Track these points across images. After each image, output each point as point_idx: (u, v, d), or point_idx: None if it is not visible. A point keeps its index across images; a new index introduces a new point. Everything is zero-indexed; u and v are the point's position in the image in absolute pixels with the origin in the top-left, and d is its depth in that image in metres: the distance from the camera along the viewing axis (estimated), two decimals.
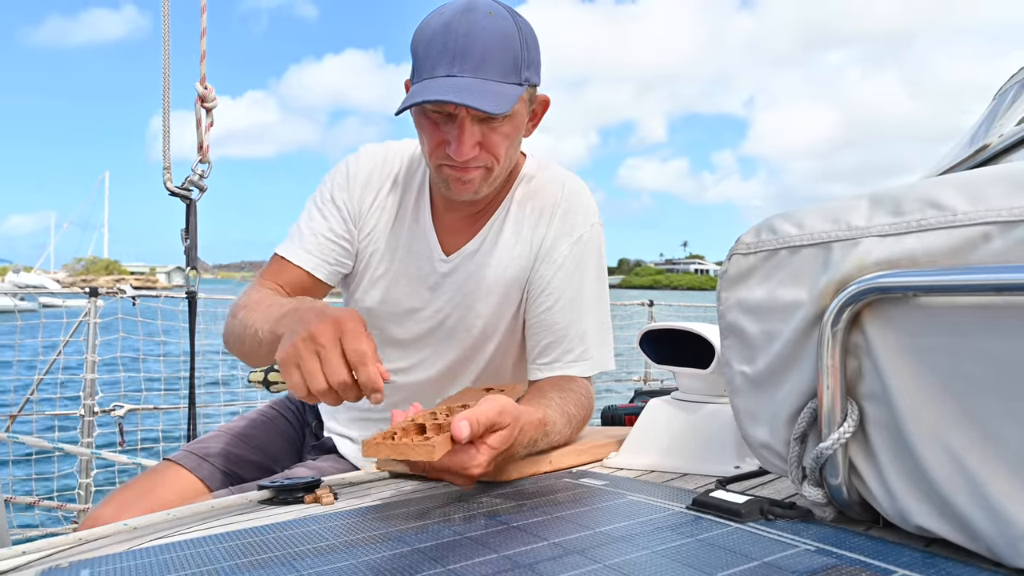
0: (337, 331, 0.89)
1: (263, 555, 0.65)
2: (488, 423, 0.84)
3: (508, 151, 1.18)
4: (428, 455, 0.77)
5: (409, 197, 1.32)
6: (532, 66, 1.15)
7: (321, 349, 0.87)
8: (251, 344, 1.11)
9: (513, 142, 1.19)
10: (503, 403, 0.88)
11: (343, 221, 1.31)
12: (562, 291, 1.26)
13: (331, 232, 1.30)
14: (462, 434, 0.81)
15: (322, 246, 1.29)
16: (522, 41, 1.13)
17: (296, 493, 0.89)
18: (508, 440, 0.88)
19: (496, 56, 1.09)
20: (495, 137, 1.14)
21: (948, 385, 0.59)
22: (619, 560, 0.61)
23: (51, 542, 0.71)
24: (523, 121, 1.20)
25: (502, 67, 1.10)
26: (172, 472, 1.27)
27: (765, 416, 0.75)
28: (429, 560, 0.62)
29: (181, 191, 2.06)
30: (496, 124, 1.13)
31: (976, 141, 1.60)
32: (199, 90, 2.04)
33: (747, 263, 0.76)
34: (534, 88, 1.19)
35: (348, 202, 1.31)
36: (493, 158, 1.16)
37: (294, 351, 0.88)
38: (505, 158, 1.18)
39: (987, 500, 0.57)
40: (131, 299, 3.82)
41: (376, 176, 1.32)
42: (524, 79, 1.13)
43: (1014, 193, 0.56)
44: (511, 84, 1.10)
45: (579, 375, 1.26)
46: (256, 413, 1.49)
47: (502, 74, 1.09)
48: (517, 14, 1.15)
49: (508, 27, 1.11)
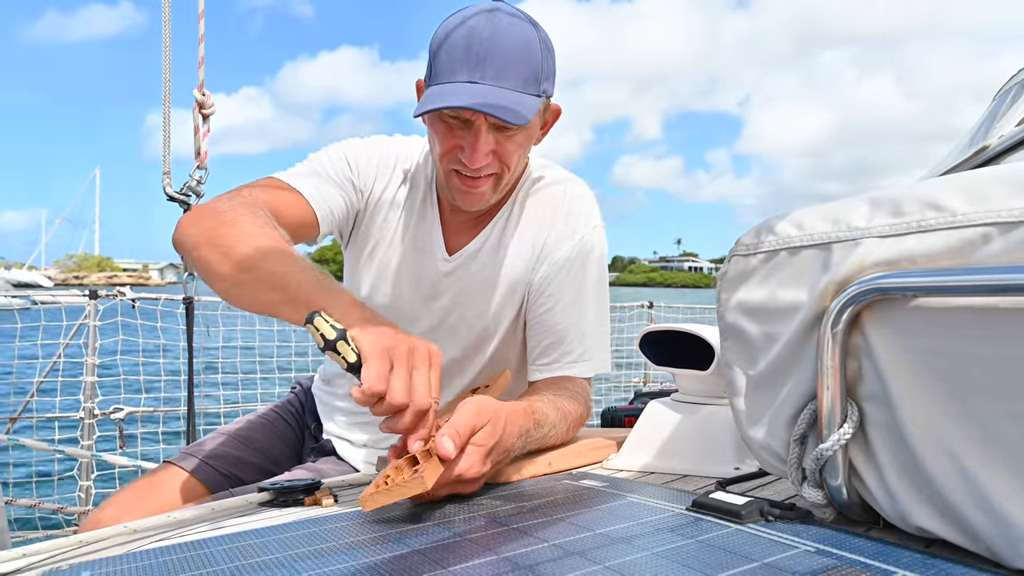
0: (431, 355, 0.86)
1: (263, 557, 0.65)
2: (469, 428, 0.84)
3: (519, 160, 1.19)
4: (421, 487, 0.75)
5: (417, 193, 1.31)
6: (550, 77, 1.16)
7: (420, 363, 0.84)
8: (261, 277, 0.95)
9: (524, 151, 1.19)
10: (478, 403, 0.88)
11: (352, 185, 1.27)
12: (563, 292, 1.27)
13: (340, 185, 1.25)
14: (448, 450, 0.79)
15: (329, 190, 1.23)
16: (542, 51, 1.13)
17: (296, 495, 0.89)
18: (495, 434, 0.87)
19: (517, 65, 1.09)
20: (509, 146, 1.14)
21: (948, 386, 0.59)
22: (619, 561, 0.61)
23: (51, 544, 0.71)
24: (536, 130, 1.20)
25: (522, 76, 1.10)
26: (172, 474, 1.27)
27: (765, 417, 0.75)
28: (429, 562, 0.62)
29: (180, 196, 2.06)
30: (511, 133, 1.13)
31: (976, 142, 1.60)
32: (197, 97, 2.04)
33: (747, 264, 0.76)
34: (549, 99, 1.19)
35: (361, 174, 1.28)
36: (504, 166, 1.16)
37: (394, 348, 0.82)
38: (515, 167, 1.19)
39: (987, 501, 0.57)
40: (131, 301, 3.82)
41: (389, 164, 1.31)
42: (543, 91, 1.13)
43: (1014, 194, 0.56)
44: (530, 95, 1.11)
45: (578, 376, 1.26)
46: (256, 415, 1.49)
47: (522, 84, 1.09)
48: (537, 23, 1.16)
49: (530, 35, 1.12)
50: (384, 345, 0.82)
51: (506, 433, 0.91)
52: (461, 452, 0.83)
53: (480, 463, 0.85)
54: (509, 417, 0.92)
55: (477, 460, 0.84)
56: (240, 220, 1.02)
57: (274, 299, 0.94)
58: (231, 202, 1.08)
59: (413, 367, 0.83)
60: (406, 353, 0.83)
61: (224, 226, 1.01)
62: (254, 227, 1.01)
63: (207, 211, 1.07)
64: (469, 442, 0.84)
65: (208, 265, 1.00)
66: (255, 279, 0.95)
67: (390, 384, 0.80)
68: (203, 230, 1.03)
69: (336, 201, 1.23)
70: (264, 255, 0.96)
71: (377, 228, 1.31)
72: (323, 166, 1.25)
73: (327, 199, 1.21)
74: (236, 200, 1.09)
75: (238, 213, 1.04)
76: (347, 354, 0.81)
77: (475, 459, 0.84)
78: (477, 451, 0.84)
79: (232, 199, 1.10)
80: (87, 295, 3.75)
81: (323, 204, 1.21)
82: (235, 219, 1.03)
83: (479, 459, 0.85)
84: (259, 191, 1.15)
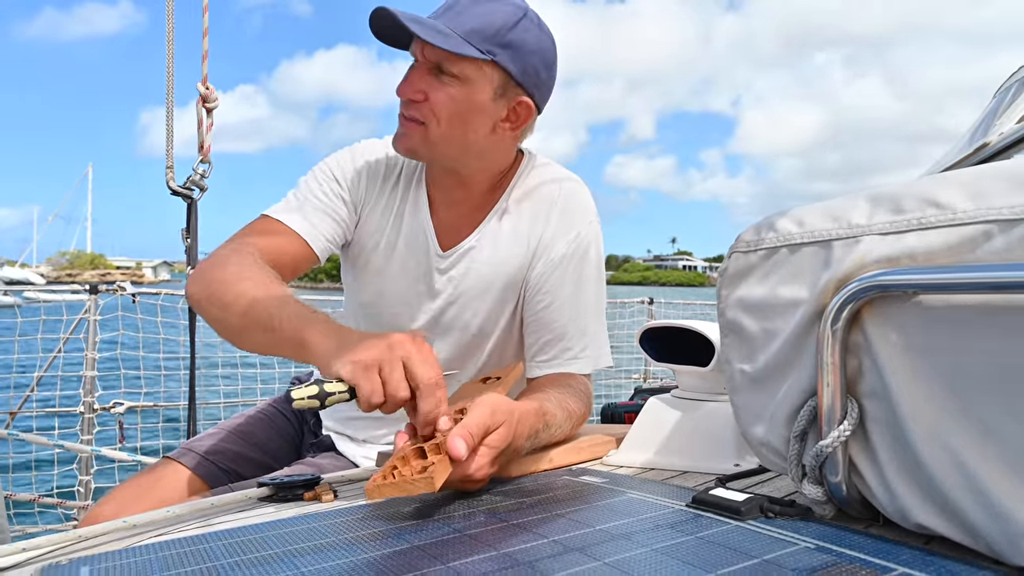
0: (413, 344, 0.87)
1: (263, 552, 0.65)
2: (482, 429, 0.84)
3: (452, 120, 1.16)
4: (429, 487, 0.75)
5: (408, 192, 1.31)
6: (512, 51, 1.14)
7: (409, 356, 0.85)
8: (253, 322, 1.02)
9: (459, 111, 1.16)
10: (493, 403, 0.88)
11: (343, 203, 1.28)
12: (560, 289, 1.27)
13: (331, 209, 1.27)
14: (460, 453, 0.80)
15: (321, 218, 1.25)
16: (517, 26, 1.14)
17: (296, 490, 0.89)
18: (507, 437, 0.87)
19: (476, 16, 1.11)
20: (440, 94, 1.14)
21: (948, 383, 0.59)
22: (619, 557, 0.61)
23: (51, 539, 0.72)
24: (477, 98, 1.16)
25: (473, 26, 1.11)
26: (172, 469, 1.27)
27: (765, 414, 0.75)
28: (428, 557, 0.62)
29: (183, 190, 2.05)
30: (445, 81, 1.14)
31: (976, 139, 1.59)
32: (201, 90, 2.04)
33: (747, 261, 0.76)
34: (507, 76, 1.16)
35: (351, 189, 1.29)
36: (432, 114, 1.15)
37: (377, 355, 0.85)
38: (446, 124, 1.16)
39: (987, 498, 0.57)
40: (131, 296, 3.82)
41: (379, 171, 1.31)
42: (489, 50, 1.12)
43: (1014, 191, 0.56)
44: (472, 45, 1.11)
45: (577, 372, 1.26)
46: (255, 411, 1.49)
47: (469, 32, 1.11)
48: (538, 18, 1.18)
49: (514, 9, 1.14)
50: (363, 361, 0.85)
51: (517, 435, 0.91)
52: (473, 453, 0.83)
53: (490, 464, 0.85)
54: (522, 419, 0.92)
55: (487, 462, 0.84)
56: (231, 274, 1.09)
57: (269, 340, 1.01)
58: (227, 255, 1.14)
59: (405, 357, 0.85)
60: (386, 352, 0.85)
61: (217, 283, 1.08)
62: (245, 278, 1.07)
63: (206, 268, 1.13)
64: (482, 443, 0.84)
65: (212, 321, 1.10)
66: (250, 325, 1.03)
67: (386, 385, 0.84)
68: (202, 287, 1.11)
69: (330, 228, 1.26)
70: (252, 304, 1.02)
71: (370, 233, 1.31)
72: (312, 193, 1.27)
73: (321, 231, 1.25)
74: (231, 253, 1.15)
75: (229, 267, 1.10)
76: (340, 394, 0.86)
77: (485, 460, 0.84)
78: (489, 453, 0.84)
79: (229, 251, 1.15)
80: (87, 290, 3.75)
81: (318, 237, 1.24)
82: (227, 275, 1.09)
83: (489, 461, 0.85)
84: (255, 238, 1.20)
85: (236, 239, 1.20)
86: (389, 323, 1.33)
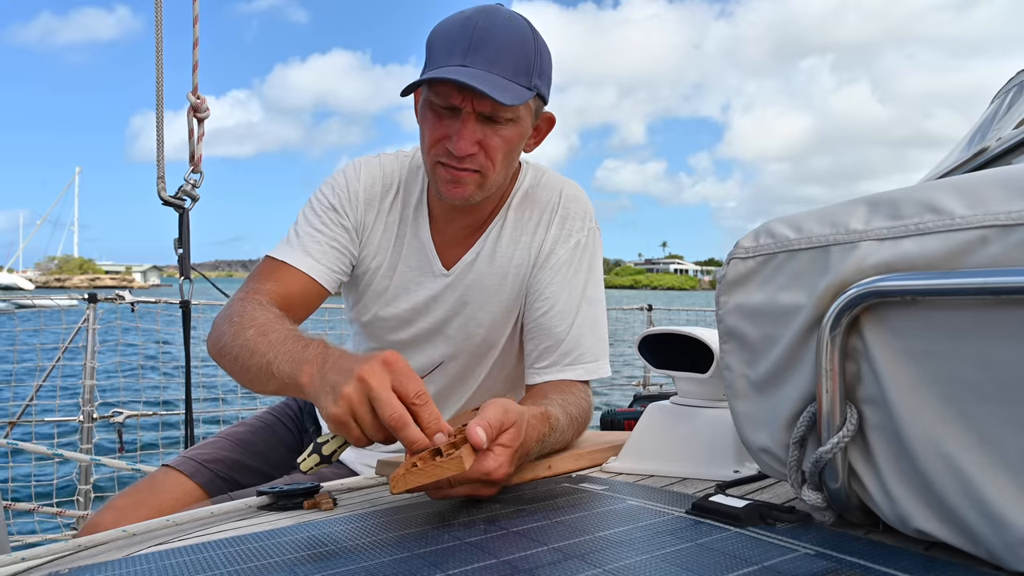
0: (387, 371, 0.84)
1: (263, 561, 0.64)
2: (499, 423, 0.84)
3: (505, 160, 1.17)
4: (459, 467, 0.77)
5: (408, 211, 1.31)
6: (543, 77, 1.16)
7: (371, 392, 0.82)
8: (258, 372, 1.04)
9: (512, 150, 1.18)
10: (503, 405, 0.88)
11: (345, 230, 1.28)
12: (559, 295, 1.27)
13: (333, 239, 1.27)
14: (481, 439, 0.80)
15: (325, 251, 1.26)
16: (536, 48, 1.15)
17: (295, 499, 0.89)
18: (519, 436, 0.87)
19: (510, 54, 1.10)
20: (495, 140, 1.14)
21: (946, 389, 0.59)
22: (619, 565, 0.61)
23: (50, 548, 0.71)
24: (526, 131, 1.19)
25: (514, 66, 1.11)
26: (171, 478, 1.27)
27: (764, 420, 0.75)
28: (429, 565, 0.62)
29: (175, 200, 2.05)
30: (499, 126, 1.13)
31: (974, 144, 1.60)
32: (191, 100, 2.04)
33: (746, 267, 0.76)
34: (542, 101, 1.19)
35: (351, 214, 1.29)
36: (489, 162, 1.15)
37: (347, 405, 0.83)
38: (501, 167, 1.17)
39: (986, 504, 0.57)
40: (130, 305, 3.82)
41: (376, 192, 1.31)
42: (533, 84, 1.14)
43: (1012, 197, 0.56)
44: (520, 85, 1.12)
45: (576, 379, 1.26)
46: (254, 419, 1.49)
47: (513, 72, 1.11)
48: (535, 28, 1.17)
49: (525, 32, 1.14)
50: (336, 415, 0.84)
51: (527, 437, 0.91)
52: (488, 450, 0.83)
53: (508, 464, 0.85)
54: (530, 422, 0.93)
55: (505, 460, 0.84)
56: (236, 326, 1.10)
57: (275, 387, 1.03)
58: (235, 306, 1.16)
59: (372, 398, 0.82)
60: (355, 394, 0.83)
61: (226, 337, 1.11)
62: (248, 327, 1.09)
63: (218, 322, 1.16)
64: (496, 442, 0.84)
65: (231, 375, 1.13)
66: (258, 376, 1.04)
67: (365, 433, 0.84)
68: (214, 342, 1.15)
69: (334, 259, 1.27)
70: (253, 354, 1.05)
71: (371, 255, 1.31)
72: (312, 226, 1.27)
73: (326, 264, 1.26)
74: (238, 303, 1.16)
75: (235, 319, 1.12)
76: (339, 447, 0.89)
77: (503, 459, 0.84)
78: (505, 452, 0.84)
79: (236, 302, 1.17)
80: (86, 299, 3.75)
81: (325, 272, 1.25)
82: (233, 328, 1.11)
83: (507, 459, 0.85)
84: (263, 283, 1.22)
85: (245, 287, 1.23)
86: (392, 341, 1.33)
